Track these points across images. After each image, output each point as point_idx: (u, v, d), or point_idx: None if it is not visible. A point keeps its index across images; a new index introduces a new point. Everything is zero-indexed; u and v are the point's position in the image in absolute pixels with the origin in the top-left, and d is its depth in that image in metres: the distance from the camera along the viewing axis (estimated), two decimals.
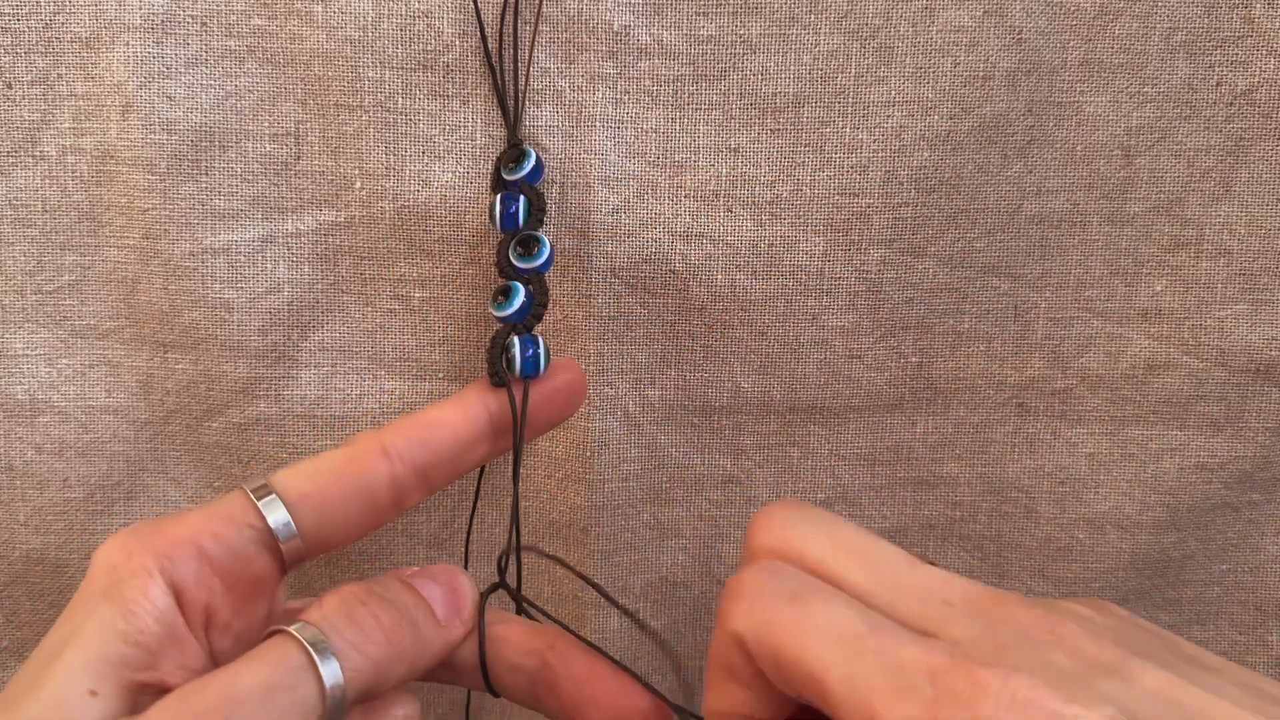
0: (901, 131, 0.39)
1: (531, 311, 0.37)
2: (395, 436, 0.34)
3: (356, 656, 0.30)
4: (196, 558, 0.31)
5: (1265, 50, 0.39)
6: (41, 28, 0.38)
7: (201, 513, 0.32)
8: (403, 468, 0.33)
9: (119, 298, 0.40)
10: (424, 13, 0.38)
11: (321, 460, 0.33)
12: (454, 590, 0.34)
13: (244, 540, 0.32)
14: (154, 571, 0.30)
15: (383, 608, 0.32)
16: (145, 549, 0.30)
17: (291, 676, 0.29)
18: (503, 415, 0.36)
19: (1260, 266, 0.40)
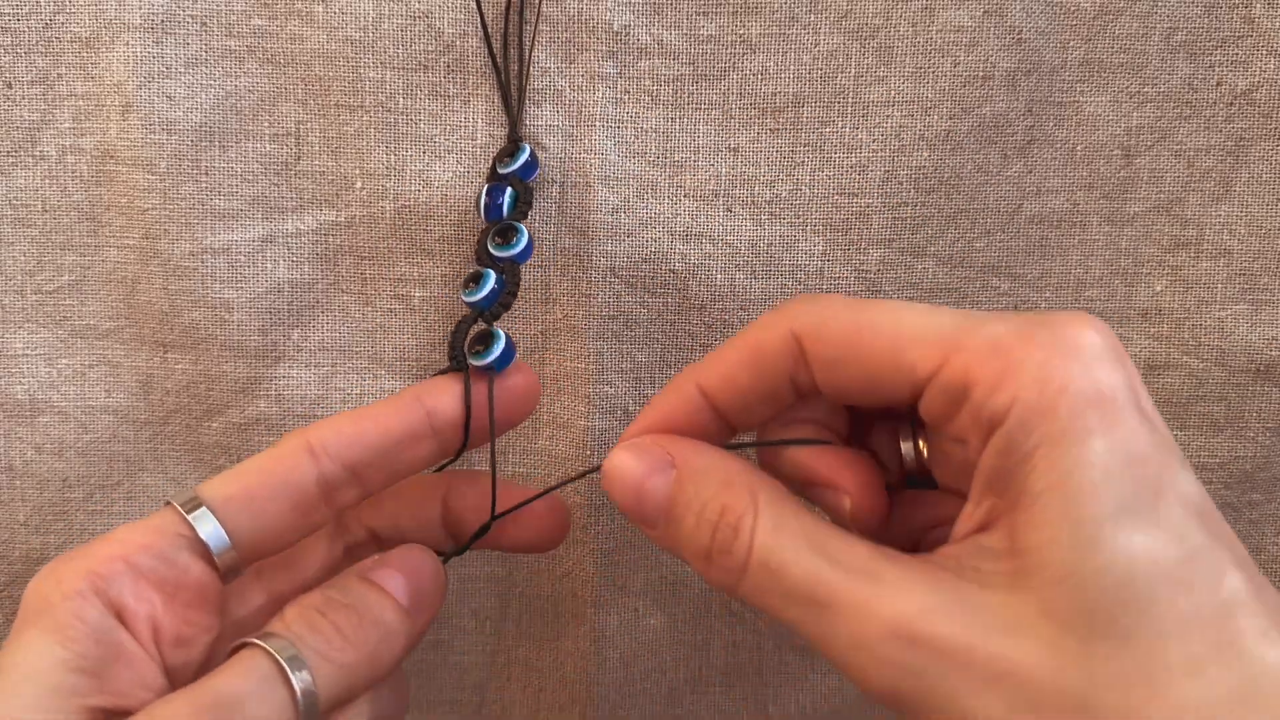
0: (901, 131, 0.39)
1: (499, 300, 0.37)
2: (323, 433, 0.33)
3: (325, 665, 0.30)
4: (129, 573, 0.30)
5: (1265, 50, 0.39)
6: (41, 28, 0.38)
7: (129, 528, 0.31)
8: (331, 465, 0.33)
9: (119, 298, 0.40)
10: (424, 13, 0.38)
11: (247, 463, 0.33)
12: (416, 572, 0.33)
13: (175, 549, 0.31)
14: (86, 592, 0.30)
15: (343, 614, 0.31)
16: (74, 572, 0.30)
17: (263, 685, 0.29)
18: (445, 414, 0.34)
19: (1260, 266, 0.40)
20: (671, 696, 0.44)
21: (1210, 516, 0.26)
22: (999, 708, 0.25)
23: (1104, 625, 0.24)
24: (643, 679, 0.44)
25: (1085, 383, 0.26)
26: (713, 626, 0.43)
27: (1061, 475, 0.25)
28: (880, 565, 0.27)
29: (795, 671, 0.44)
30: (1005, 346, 0.26)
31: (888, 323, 0.28)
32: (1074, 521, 0.25)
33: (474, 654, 0.44)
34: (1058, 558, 0.25)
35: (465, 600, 0.43)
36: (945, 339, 0.27)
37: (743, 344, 0.31)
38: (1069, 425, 0.25)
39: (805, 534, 0.28)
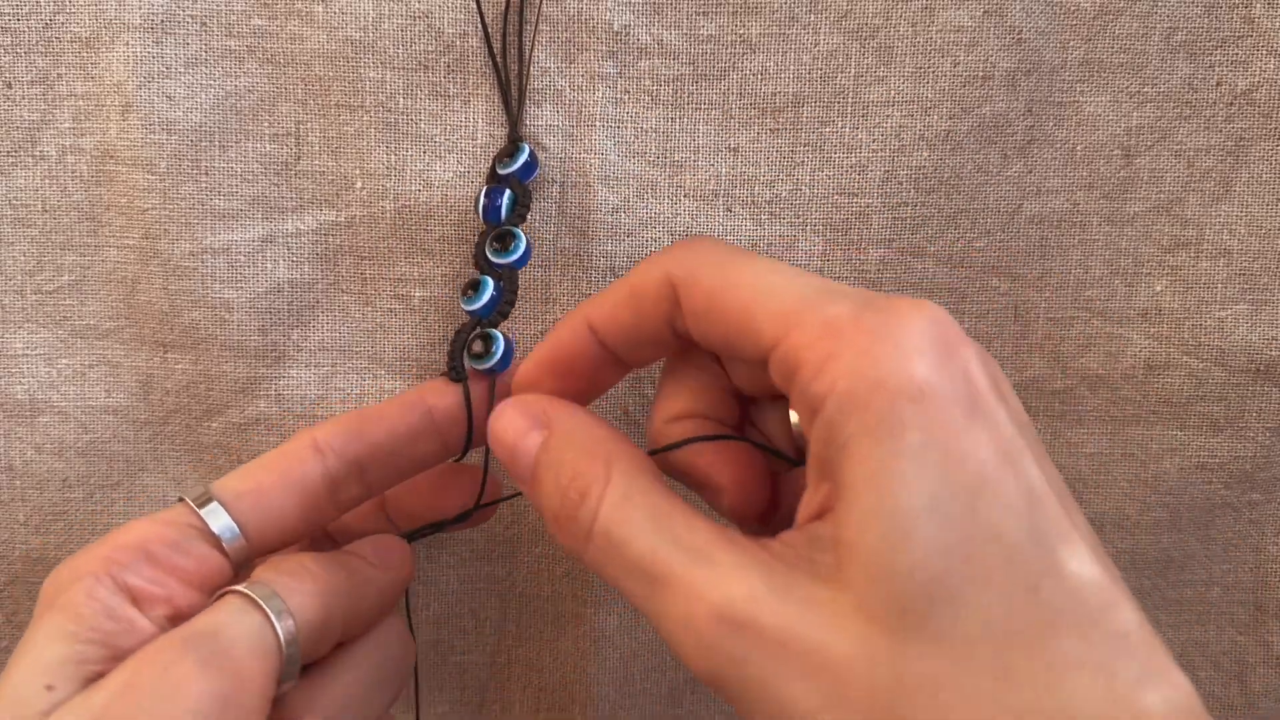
0: (901, 131, 0.39)
1: (498, 308, 0.37)
2: (328, 432, 0.35)
3: (293, 594, 0.31)
4: (145, 560, 0.31)
5: (1265, 50, 0.39)
6: (41, 27, 0.38)
7: (144, 520, 0.33)
8: (336, 461, 0.34)
9: (119, 298, 0.40)
10: (424, 13, 0.38)
11: (257, 460, 0.35)
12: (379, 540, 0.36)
13: (189, 539, 0.32)
14: (99, 575, 0.31)
15: (308, 557, 0.33)
16: (89, 559, 0.31)
17: (238, 613, 0.30)
18: (448, 413, 0.36)
19: (1260, 266, 0.40)
20: (671, 696, 0.44)
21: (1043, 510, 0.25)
22: (814, 700, 0.25)
23: (915, 625, 0.24)
24: (642, 679, 0.44)
25: (903, 375, 0.25)
26: None
27: (873, 470, 0.25)
28: (718, 548, 0.27)
29: None
30: (833, 330, 0.26)
31: (748, 285, 0.28)
32: (885, 517, 0.24)
33: (474, 654, 0.44)
34: (870, 554, 0.25)
35: (465, 600, 0.43)
36: (789, 313, 0.27)
37: (625, 284, 0.32)
38: (882, 419, 0.25)
39: (651, 509, 0.28)
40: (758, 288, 0.28)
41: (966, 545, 0.24)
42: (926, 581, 0.24)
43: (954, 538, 0.24)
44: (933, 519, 0.24)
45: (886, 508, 0.24)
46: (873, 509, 0.25)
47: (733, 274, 0.29)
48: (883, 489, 0.25)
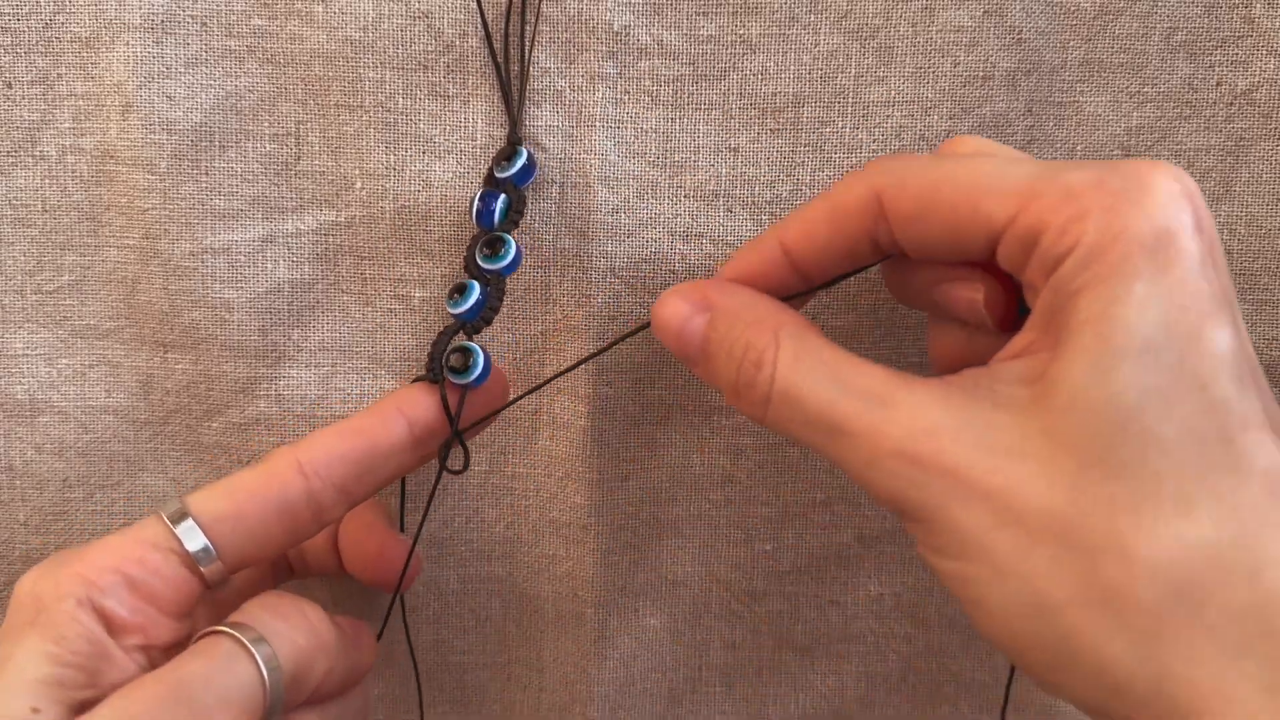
0: (901, 131, 0.39)
1: (482, 313, 0.37)
2: (312, 452, 0.34)
3: (284, 642, 0.31)
4: (124, 586, 0.31)
5: (1265, 50, 0.39)
6: (41, 27, 0.38)
7: (122, 538, 0.32)
8: (320, 483, 0.33)
9: (119, 298, 0.40)
10: (424, 13, 0.38)
11: (236, 480, 0.33)
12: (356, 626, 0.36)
13: (170, 565, 0.32)
14: (82, 599, 0.30)
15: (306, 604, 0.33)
16: (71, 577, 0.31)
17: (228, 660, 0.30)
18: (426, 426, 0.35)
19: (1260, 266, 0.40)
20: (671, 696, 0.44)
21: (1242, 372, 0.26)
22: (987, 520, 0.26)
23: (1102, 452, 0.25)
24: (643, 679, 0.44)
25: (1143, 227, 0.26)
26: (713, 626, 0.43)
27: (1098, 311, 0.26)
28: (893, 389, 0.28)
29: (795, 672, 0.44)
30: (1077, 193, 0.27)
31: (965, 175, 0.29)
32: (1097, 353, 0.26)
33: (474, 654, 0.44)
34: (1073, 384, 0.26)
35: (465, 600, 0.43)
36: (1022, 189, 0.28)
37: (824, 202, 0.32)
38: (1118, 266, 0.26)
39: (824, 364, 0.30)
40: (978, 176, 0.29)
41: (1170, 389, 0.25)
42: (1124, 414, 0.25)
43: (1159, 380, 0.25)
44: (1142, 360, 0.25)
45: (1100, 345, 0.26)
46: (1087, 345, 0.26)
47: (944, 171, 0.30)
48: (1101, 328, 0.26)
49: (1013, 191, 0.28)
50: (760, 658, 0.44)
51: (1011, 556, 0.26)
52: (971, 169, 0.29)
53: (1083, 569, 0.25)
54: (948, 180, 0.29)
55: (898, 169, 0.31)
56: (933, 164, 0.30)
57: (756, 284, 0.33)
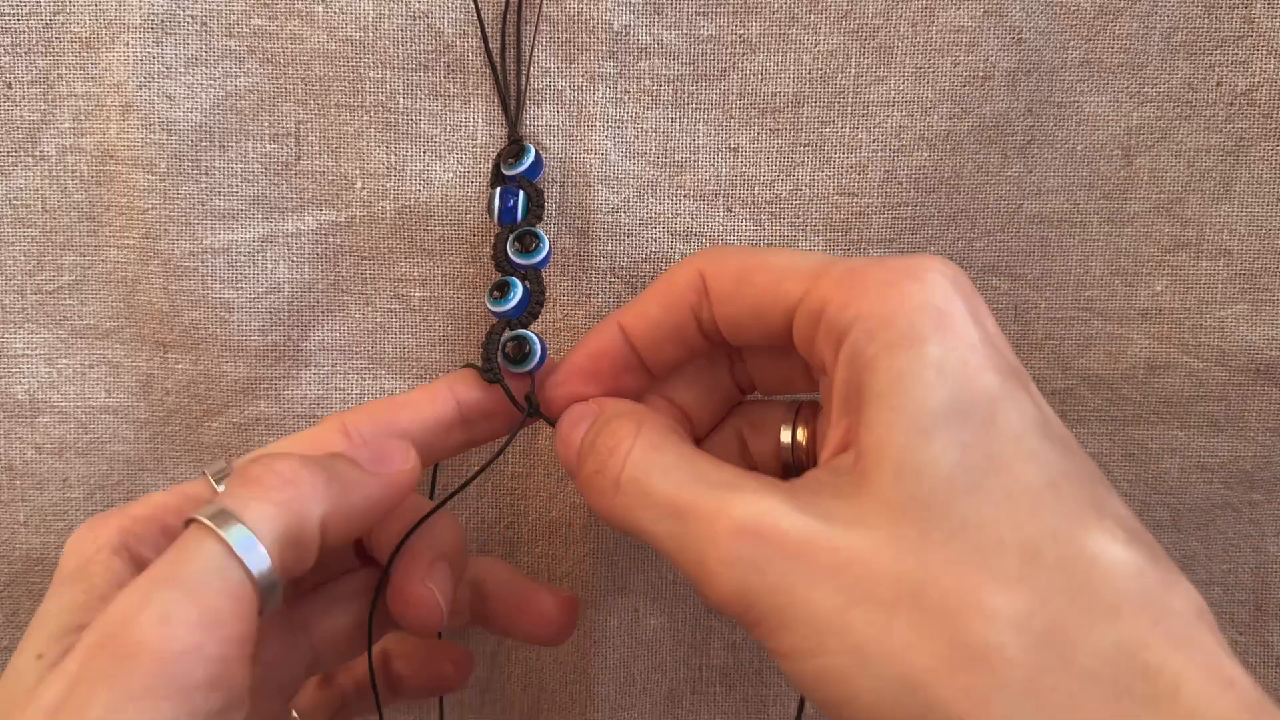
0: (901, 131, 0.39)
1: (528, 309, 0.37)
2: (358, 417, 0.34)
3: (258, 505, 0.29)
4: (161, 533, 0.31)
5: (1265, 50, 0.39)
6: (41, 28, 0.38)
7: (165, 493, 0.32)
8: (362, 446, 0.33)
9: (119, 298, 0.40)
10: (424, 13, 0.38)
11: (283, 442, 0.34)
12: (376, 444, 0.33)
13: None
14: (117, 546, 0.30)
15: (277, 460, 0.30)
16: (109, 528, 0.31)
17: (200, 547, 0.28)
18: (475, 406, 0.36)
19: (1260, 266, 0.40)
20: (671, 697, 0.44)
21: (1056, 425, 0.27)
22: (839, 599, 0.25)
23: (939, 514, 0.25)
24: (643, 679, 0.44)
25: (923, 298, 0.27)
26: (712, 627, 0.43)
27: (897, 375, 0.27)
28: (740, 478, 0.29)
29: None
30: (857, 273, 0.29)
31: (774, 259, 0.31)
32: (909, 416, 0.26)
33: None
34: (894, 451, 0.26)
35: None
36: (813, 272, 0.30)
37: (657, 283, 0.34)
38: (906, 332, 0.27)
39: (678, 453, 0.30)
40: (783, 260, 0.31)
41: (988, 443, 0.26)
42: (950, 472, 0.25)
43: (975, 436, 0.26)
44: (953, 418, 0.26)
45: (909, 408, 0.26)
46: (897, 410, 0.26)
47: (757, 258, 0.32)
48: (905, 392, 0.26)
49: (806, 272, 0.30)
50: (760, 658, 0.44)
51: (870, 634, 0.25)
52: (780, 256, 0.31)
53: (945, 633, 0.24)
54: (760, 264, 0.32)
55: (720, 254, 0.33)
56: (751, 251, 0.33)
57: (602, 365, 0.35)
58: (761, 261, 0.32)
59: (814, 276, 0.30)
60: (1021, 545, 0.25)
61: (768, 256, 0.32)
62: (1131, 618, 0.24)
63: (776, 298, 0.31)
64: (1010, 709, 0.24)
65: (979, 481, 0.25)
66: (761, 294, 0.31)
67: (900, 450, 0.26)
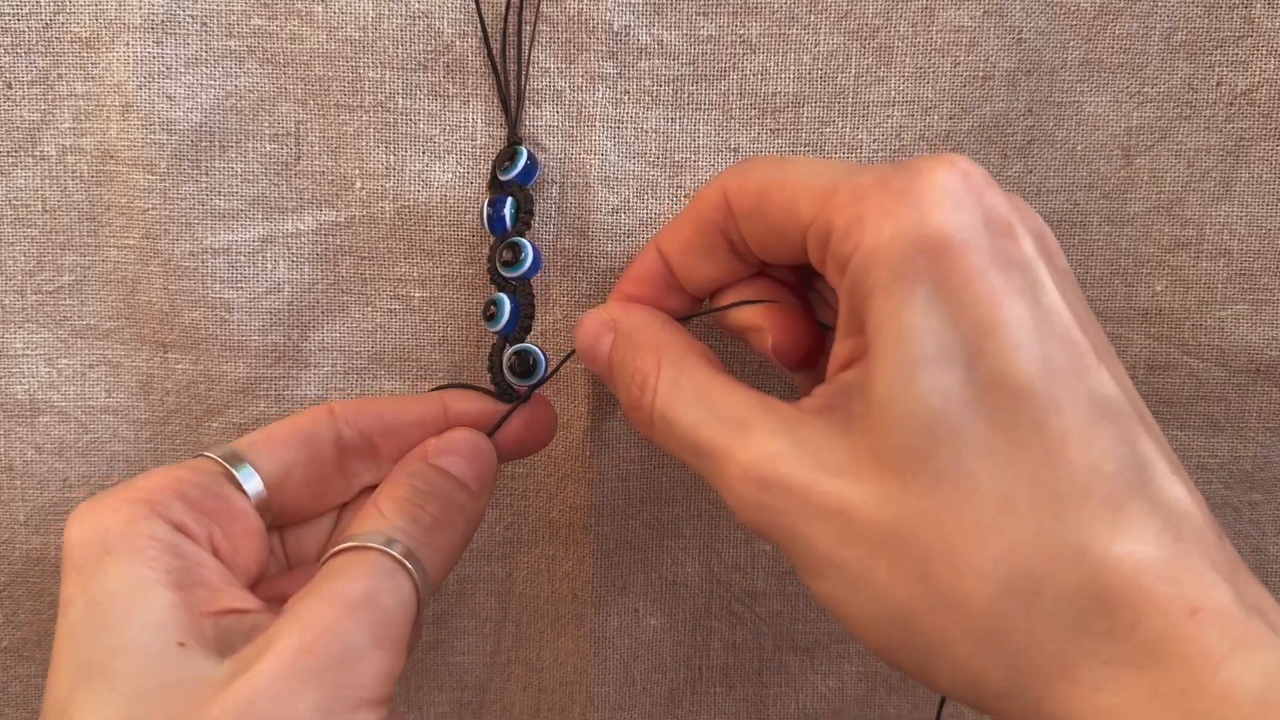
0: (901, 131, 0.39)
1: (519, 323, 0.37)
2: (345, 404, 0.36)
3: (430, 552, 0.32)
4: (181, 499, 0.31)
5: (1265, 50, 0.39)
6: (41, 28, 0.38)
7: (166, 468, 0.32)
8: (348, 429, 0.35)
9: (119, 298, 0.40)
10: (423, 13, 0.38)
11: (274, 423, 0.35)
12: (477, 457, 0.35)
13: (215, 481, 0.32)
14: (149, 515, 0.30)
15: (432, 502, 0.33)
16: (127, 501, 0.30)
17: (390, 579, 0.30)
18: (464, 416, 0.36)
19: (1260, 266, 0.40)
20: (671, 697, 0.44)
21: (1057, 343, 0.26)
22: (831, 539, 0.27)
23: (919, 464, 0.26)
24: (642, 680, 0.44)
25: (918, 228, 0.27)
26: (712, 627, 0.43)
27: (886, 319, 0.27)
28: (751, 414, 0.30)
29: (795, 672, 0.44)
30: (861, 194, 0.28)
31: (791, 175, 0.30)
32: (894, 364, 0.26)
33: (474, 654, 0.44)
34: (880, 400, 0.27)
35: (465, 600, 0.43)
36: (824, 189, 0.29)
37: (689, 206, 0.34)
38: (898, 271, 0.27)
39: (696, 389, 0.31)
40: (799, 178, 0.30)
41: (970, 387, 0.26)
42: (929, 423, 0.26)
43: (957, 381, 0.26)
44: (936, 365, 0.26)
45: (894, 357, 0.26)
46: (883, 358, 0.27)
47: (777, 170, 0.31)
48: (891, 340, 0.26)
49: (818, 191, 0.29)
50: (760, 658, 0.44)
51: (859, 571, 0.27)
52: (797, 170, 0.30)
53: (920, 578, 0.26)
54: (777, 179, 0.31)
55: (743, 170, 0.32)
56: (772, 165, 0.31)
57: (644, 289, 0.35)
58: (779, 177, 0.31)
59: (824, 195, 0.29)
60: (996, 495, 0.26)
61: (787, 170, 0.31)
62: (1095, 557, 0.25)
63: (793, 217, 0.30)
64: (972, 650, 0.26)
65: (958, 429, 0.26)
66: (780, 213, 0.30)
67: (885, 398, 0.27)
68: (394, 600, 0.30)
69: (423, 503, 0.33)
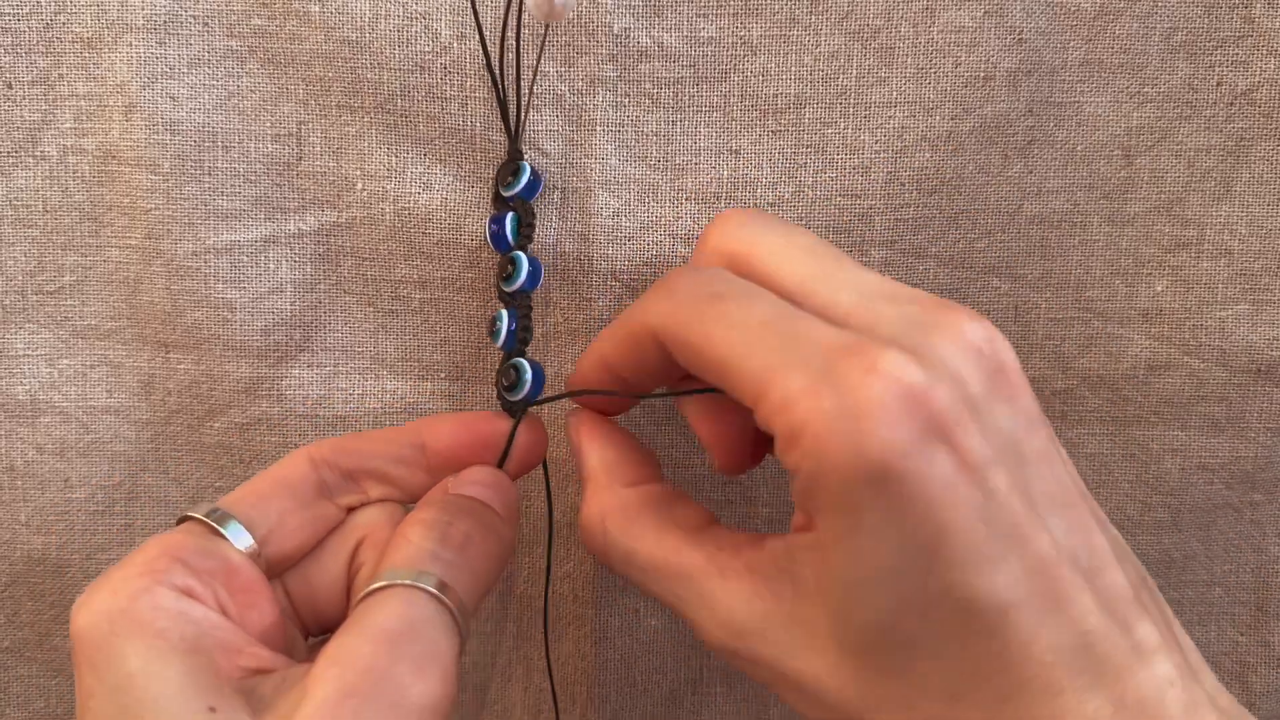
0: (903, 132, 0.39)
1: (517, 337, 0.37)
2: (321, 446, 0.35)
3: (463, 573, 0.32)
4: (179, 564, 0.30)
5: (1265, 50, 0.39)
6: (42, 28, 0.38)
7: (154, 539, 0.32)
8: (329, 471, 0.35)
9: (120, 298, 0.40)
10: (422, 14, 0.38)
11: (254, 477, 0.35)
12: (497, 486, 0.36)
13: (209, 541, 0.32)
14: (152, 587, 0.29)
15: (461, 520, 0.33)
16: (129, 575, 0.30)
17: (426, 608, 0.30)
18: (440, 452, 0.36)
19: (1261, 266, 0.40)
20: (672, 697, 0.44)
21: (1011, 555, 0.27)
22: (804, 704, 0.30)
23: (876, 661, 0.28)
24: (643, 680, 0.44)
25: (859, 461, 0.26)
26: None
27: (838, 540, 0.27)
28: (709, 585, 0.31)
29: None
30: (792, 402, 0.27)
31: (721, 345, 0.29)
32: (847, 583, 0.27)
33: (474, 654, 0.44)
34: (836, 606, 0.28)
35: None
36: (756, 383, 0.28)
37: (622, 326, 0.33)
38: (842, 502, 0.27)
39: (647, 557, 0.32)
40: (729, 350, 0.29)
41: (922, 597, 0.27)
42: (882, 633, 0.27)
43: (906, 598, 0.27)
44: (886, 588, 0.27)
45: (848, 575, 0.27)
46: (837, 573, 0.28)
47: (706, 331, 0.30)
48: (846, 559, 0.27)
49: (750, 381, 0.28)
50: None
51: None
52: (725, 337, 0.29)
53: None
54: (707, 344, 0.30)
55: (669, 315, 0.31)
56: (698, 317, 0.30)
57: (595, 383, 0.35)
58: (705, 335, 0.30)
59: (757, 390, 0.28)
60: (946, 690, 0.27)
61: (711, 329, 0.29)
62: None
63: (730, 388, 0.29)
64: None
65: (911, 636, 0.27)
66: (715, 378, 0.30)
67: (840, 607, 0.28)
68: (433, 629, 0.30)
69: (451, 520, 0.33)
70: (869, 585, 0.27)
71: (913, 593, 0.27)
